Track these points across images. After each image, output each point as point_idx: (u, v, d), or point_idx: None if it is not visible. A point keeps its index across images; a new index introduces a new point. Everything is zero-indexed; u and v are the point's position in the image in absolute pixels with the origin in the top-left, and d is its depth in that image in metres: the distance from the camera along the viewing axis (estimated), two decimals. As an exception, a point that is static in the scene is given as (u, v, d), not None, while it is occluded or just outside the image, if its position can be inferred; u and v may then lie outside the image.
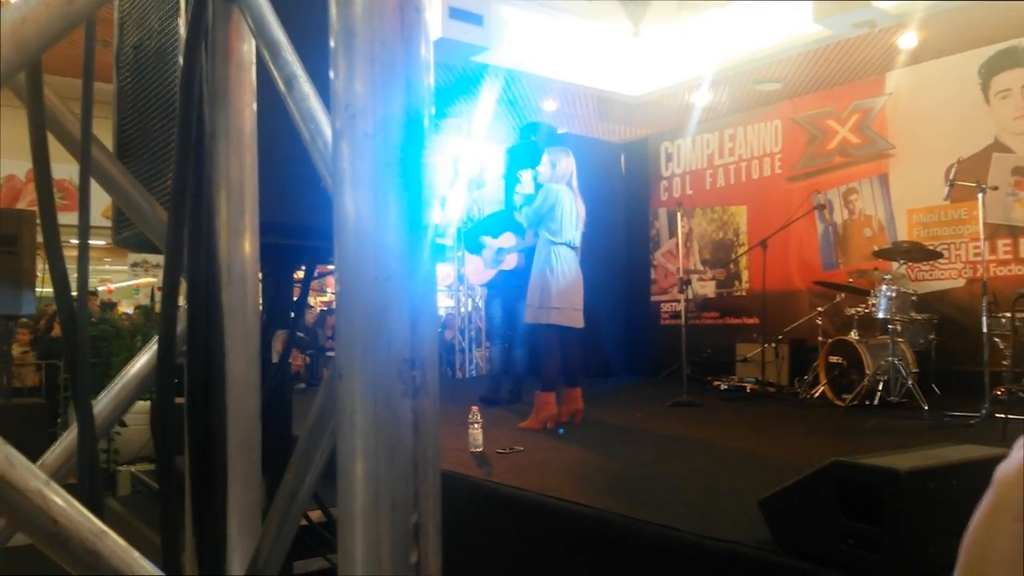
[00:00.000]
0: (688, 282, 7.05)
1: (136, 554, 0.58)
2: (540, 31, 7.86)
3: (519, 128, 9.14)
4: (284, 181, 1.32)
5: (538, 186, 4.97)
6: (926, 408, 4.91)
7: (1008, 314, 5.10)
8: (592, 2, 7.83)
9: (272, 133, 1.04)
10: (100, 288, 12.38)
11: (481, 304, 8.52)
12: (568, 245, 4.80)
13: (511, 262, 5.96)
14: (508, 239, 6.00)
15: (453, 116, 9.21)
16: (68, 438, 0.83)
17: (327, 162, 0.65)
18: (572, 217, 4.84)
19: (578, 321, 4.79)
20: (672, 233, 8.58)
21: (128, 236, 1.61)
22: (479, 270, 6.22)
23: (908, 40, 6.90)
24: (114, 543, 0.56)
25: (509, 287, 5.99)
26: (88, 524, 0.55)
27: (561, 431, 4.43)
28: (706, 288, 8.35)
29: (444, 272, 9.31)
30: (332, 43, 0.58)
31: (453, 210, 5.79)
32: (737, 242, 8.14)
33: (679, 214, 6.40)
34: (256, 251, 0.85)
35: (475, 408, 4.10)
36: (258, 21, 0.75)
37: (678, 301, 6.58)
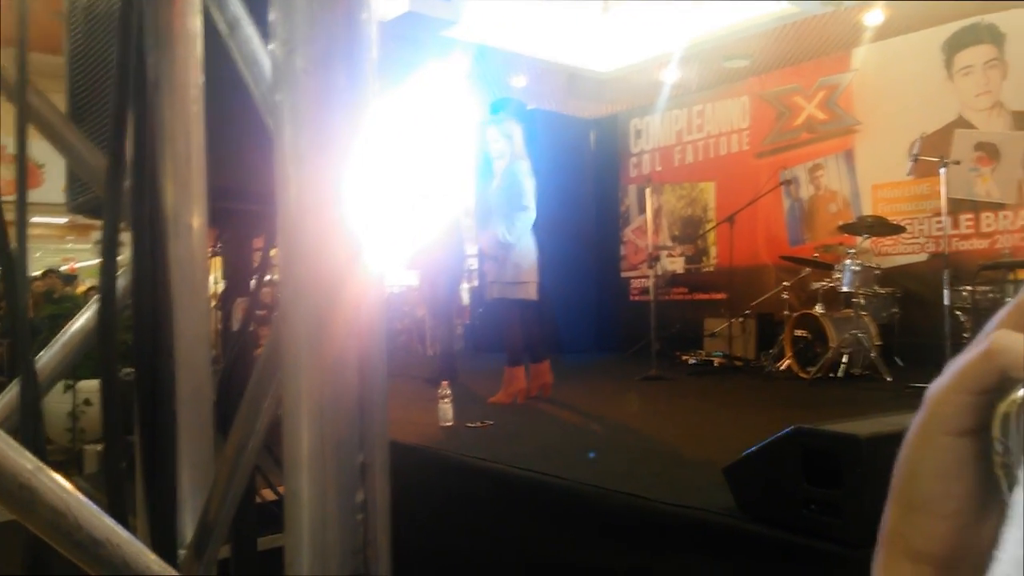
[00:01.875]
0: (657, 258, 7.10)
1: (73, 490, 0.57)
2: (509, 6, 7.80)
3: (488, 104, 9.08)
4: (241, 144, 1.30)
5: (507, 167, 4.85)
6: (889, 380, 5.00)
7: (969, 287, 5.20)
8: (561, -23, 7.77)
9: (231, 97, 1.02)
10: (63, 267, 12.16)
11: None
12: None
13: (452, 236, 5.87)
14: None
15: (420, 91, 9.12)
16: (11, 391, 0.81)
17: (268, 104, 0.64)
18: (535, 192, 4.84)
19: (536, 294, 4.83)
20: (642, 209, 8.61)
21: (83, 202, 1.57)
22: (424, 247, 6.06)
23: (874, 17, 6.96)
24: (50, 479, 0.55)
25: (450, 264, 5.83)
26: (23, 460, 0.54)
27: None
28: (675, 264, 8.41)
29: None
30: (272, -20, 0.56)
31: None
32: (705, 218, 8.19)
33: (648, 190, 6.41)
34: (203, 202, 0.83)
35: (445, 383, 4.10)
36: (202, -35, 0.73)
37: (647, 277, 6.62)
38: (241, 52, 0.69)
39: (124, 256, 0.79)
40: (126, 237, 0.75)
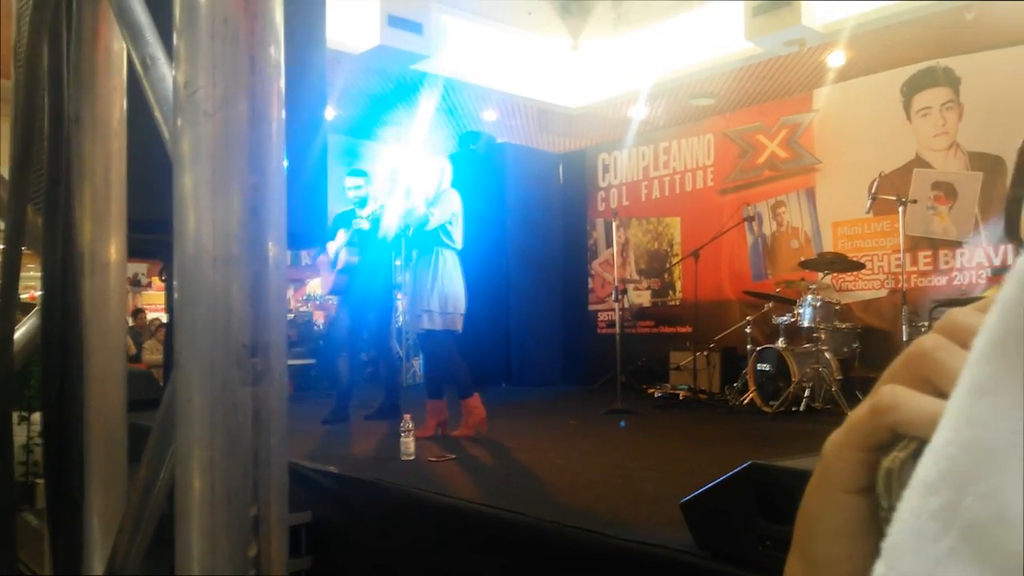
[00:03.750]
0: (624, 291, 7.13)
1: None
2: (480, 41, 7.89)
3: (458, 137, 9.14)
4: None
5: (437, 194, 4.82)
6: (848, 414, 5.04)
7: (926, 323, 5.28)
8: (532, 15, 7.89)
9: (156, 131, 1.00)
10: (23, 296, 11.90)
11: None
12: (459, 252, 4.78)
13: (342, 258, 5.48)
14: (340, 236, 5.49)
15: (391, 124, 9.16)
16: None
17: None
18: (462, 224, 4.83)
19: (461, 327, 4.78)
20: (609, 243, 8.68)
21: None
22: (325, 277, 5.74)
23: (836, 59, 7.13)
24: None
25: (354, 289, 5.51)
26: None
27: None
28: (641, 297, 8.46)
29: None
30: (177, 19, 0.56)
31: (390, 219, 5.59)
32: (671, 252, 8.27)
33: (615, 224, 6.46)
34: (123, 240, 0.81)
35: (407, 416, 4.06)
36: (121, 2, 0.71)
37: (614, 310, 6.64)
38: (155, 91, 0.68)
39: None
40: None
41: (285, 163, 0.57)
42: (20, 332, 0.79)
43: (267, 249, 0.55)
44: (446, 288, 4.61)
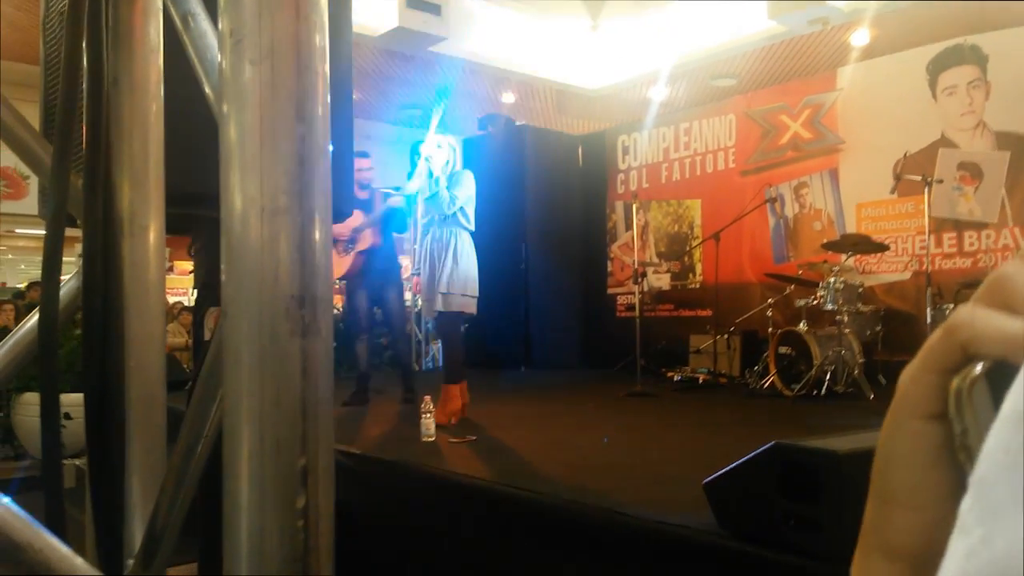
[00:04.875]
0: (643, 274, 7.10)
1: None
2: (499, 23, 7.85)
3: (477, 120, 9.11)
4: (212, 150, 1.28)
5: (452, 174, 4.77)
6: (872, 397, 5.00)
7: (952, 305, 5.22)
8: (551, -5, 7.83)
9: (201, 103, 1.00)
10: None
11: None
12: (471, 232, 4.72)
13: (366, 240, 5.39)
14: (357, 217, 5.34)
15: (409, 106, 9.15)
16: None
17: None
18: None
19: (475, 310, 4.74)
20: (628, 226, 8.63)
21: (52, 208, 1.55)
22: (336, 261, 5.51)
23: (860, 37, 7.04)
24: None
25: (373, 272, 5.42)
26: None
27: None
28: (661, 280, 8.42)
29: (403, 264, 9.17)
30: (220, -33, 0.55)
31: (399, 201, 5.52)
32: (691, 235, 8.22)
33: (635, 207, 6.43)
34: (161, 202, 0.82)
35: (427, 397, 4.07)
36: (159, -41, 0.71)
37: (634, 293, 6.62)
38: (195, 47, 0.68)
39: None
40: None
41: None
42: (60, 293, 0.80)
43: (314, 199, 0.54)
44: (462, 270, 4.57)
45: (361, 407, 5.31)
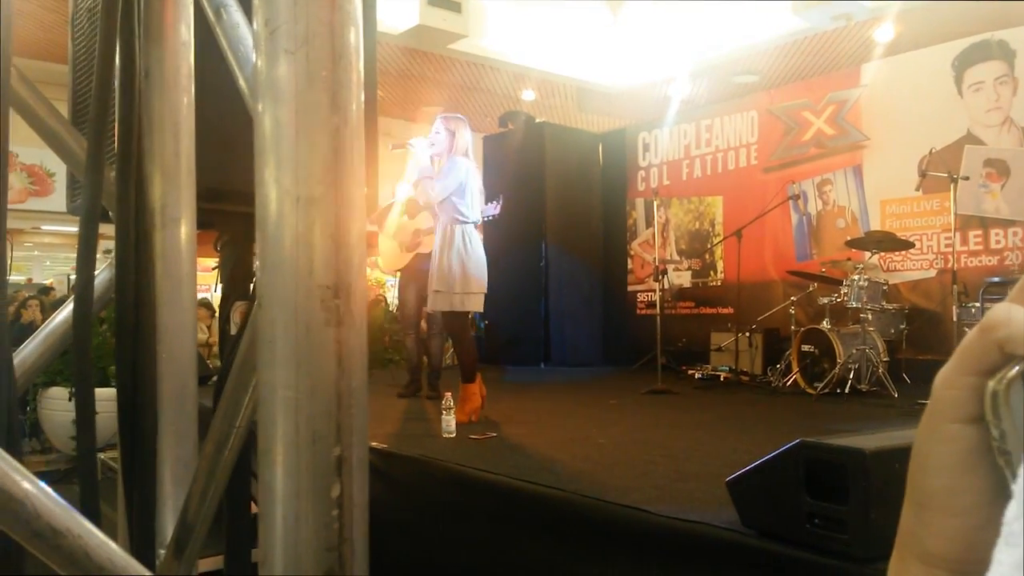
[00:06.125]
0: (664, 272, 7.07)
1: (33, 478, 0.55)
2: (519, 20, 7.83)
3: (497, 117, 9.12)
4: (239, 145, 1.29)
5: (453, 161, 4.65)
6: (896, 396, 4.95)
7: (977, 303, 5.16)
8: (572, -7, 7.81)
9: (230, 100, 1.01)
10: (73, 275, 12.23)
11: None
12: (474, 224, 4.54)
13: (429, 244, 5.27)
14: (426, 219, 5.32)
15: (431, 104, 9.16)
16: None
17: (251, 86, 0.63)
18: (479, 195, 4.59)
19: (482, 307, 4.65)
20: (649, 223, 8.60)
21: (80, 203, 1.57)
22: (395, 255, 5.63)
23: (884, 33, 6.96)
24: (10, 467, 0.52)
25: (421, 271, 5.32)
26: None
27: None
28: (682, 278, 8.38)
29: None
30: (255, -42, 0.55)
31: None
32: (713, 232, 8.16)
33: (656, 204, 6.40)
34: (192, 193, 0.82)
35: (448, 394, 4.08)
36: (191, -48, 0.71)
37: (654, 291, 6.59)
38: (227, 38, 0.68)
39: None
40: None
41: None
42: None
43: (349, 190, 0.54)
44: (466, 266, 4.41)
45: (413, 398, 5.46)
